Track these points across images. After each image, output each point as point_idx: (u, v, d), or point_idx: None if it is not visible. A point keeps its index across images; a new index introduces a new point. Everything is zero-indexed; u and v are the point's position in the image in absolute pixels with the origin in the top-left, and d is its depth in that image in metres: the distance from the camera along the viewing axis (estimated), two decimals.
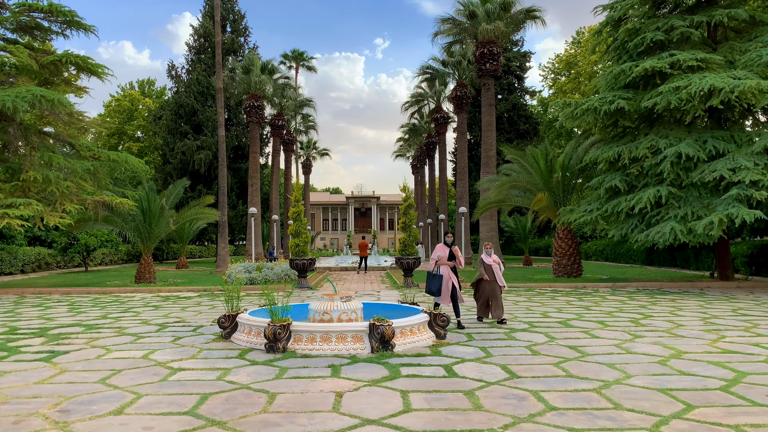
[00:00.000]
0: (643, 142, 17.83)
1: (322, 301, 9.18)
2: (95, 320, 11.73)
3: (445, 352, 8.10)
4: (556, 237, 22.32)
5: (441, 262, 10.37)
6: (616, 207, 18.17)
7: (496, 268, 11.00)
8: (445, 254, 10.38)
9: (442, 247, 10.51)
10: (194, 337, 9.49)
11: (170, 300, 15.99)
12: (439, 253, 10.44)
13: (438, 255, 10.45)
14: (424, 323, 8.97)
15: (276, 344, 8.07)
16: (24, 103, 16.14)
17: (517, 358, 7.65)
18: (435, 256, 10.46)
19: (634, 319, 11.26)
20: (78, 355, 8.07)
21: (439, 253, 10.45)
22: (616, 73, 18.57)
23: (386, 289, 18.95)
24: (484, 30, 26.94)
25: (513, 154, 22.74)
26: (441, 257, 10.41)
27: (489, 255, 11.11)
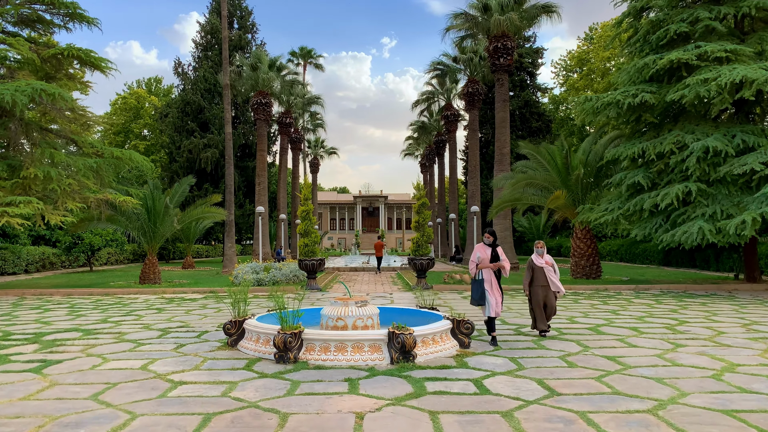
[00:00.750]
0: (668, 138, 17.04)
1: (336, 306, 8.50)
2: (94, 324, 11.09)
3: (472, 363, 7.39)
4: (573, 237, 21.54)
5: (483, 265, 8.82)
6: (638, 204, 17.40)
7: (549, 271, 9.50)
8: (487, 255, 8.83)
9: (483, 248, 8.94)
10: (198, 345, 8.81)
11: (174, 302, 15.35)
12: (480, 254, 8.88)
13: (478, 257, 8.89)
14: (446, 331, 8.26)
15: (286, 354, 7.38)
16: (23, 96, 15.54)
17: (552, 371, 6.92)
18: (475, 258, 8.92)
19: (669, 326, 10.50)
20: (71, 365, 7.41)
21: (479, 255, 8.88)
22: (640, 66, 17.77)
23: (399, 291, 18.24)
24: (497, 22, 26.15)
25: (529, 150, 21.95)
26: (482, 259, 8.83)
27: (540, 256, 9.60)
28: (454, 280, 19.18)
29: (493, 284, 8.72)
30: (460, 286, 18.50)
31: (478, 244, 9.14)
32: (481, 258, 8.80)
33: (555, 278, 9.49)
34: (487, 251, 8.84)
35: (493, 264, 8.72)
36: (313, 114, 54.36)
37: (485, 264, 8.73)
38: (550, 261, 9.62)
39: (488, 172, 46.74)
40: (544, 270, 9.49)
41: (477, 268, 8.81)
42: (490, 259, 8.77)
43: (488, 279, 8.72)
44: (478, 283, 8.76)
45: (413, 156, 67.59)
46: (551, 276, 9.48)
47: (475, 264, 8.84)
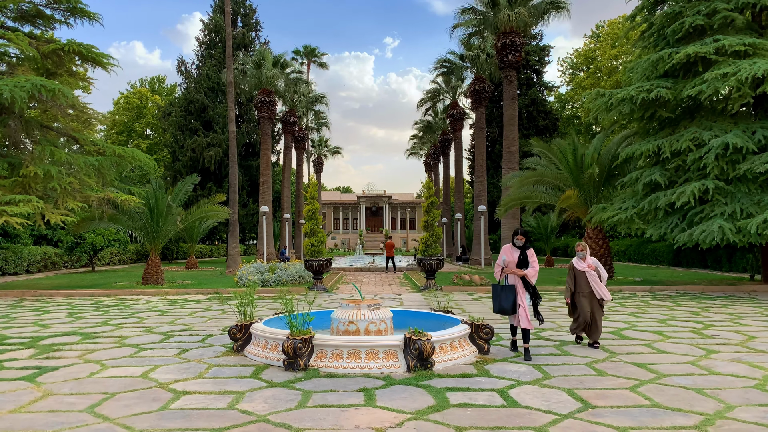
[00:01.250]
0: (684, 134, 16.53)
1: (347, 309, 8.05)
2: (94, 328, 10.66)
3: (494, 371, 6.92)
4: (585, 237, 21.04)
5: (509, 270, 7.71)
6: (653, 203, 16.91)
7: (593, 276, 8.29)
8: (513, 259, 7.72)
9: (510, 250, 7.84)
10: (202, 350, 8.37)
11: (177, 304, 14.92)
12: (505, 257, 7.80)
13: (504, 260, 7.82)
14: (465, 336, 7.80)
15: (296, 361, 6.93)
16: (22, 92, 15.13)
17: (581, 380, 6.45)
18: (500, 261, 7.88)
19: (695, 329, 10.01)
20: (68, 372, 6.97)
21: (505, 257, 7.81)
22: (654, 60, 17.27)
23: (407, 292, 17.78)
24: (506, 17, 25.68)
25: (541, 147, 21.46)
26: (508, 263, 7.73)
27: (582, 259, 8.43)
28: (464, 281, 18.71)
29: (520, 291, 7.72)
30: (470, 287, 18.03)
31: (505, 245, 7.99)
32: (507, 261, 7.76)
33: (599, 284, 8.27)
34: (514, 254, 7.77)
35: (518, 270, 7.65)
36: (317, 113, 53.95)
37: (511, 268, 7.72)
38: (593, 264, 8.41)
39: (494, 171, 46.25)
40: (586, 275, 8.33)
41: (502, 272, 7.82)
42: (516, 263, 7.70)
43: (514, 284, 7.75)
44: (505, 290, 7.67)
45: (418, 155, 67.14)
46: (594, 282, 8.27)
47: (500, 268, 7.85)
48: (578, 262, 8.42)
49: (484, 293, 17.13)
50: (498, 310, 7.77)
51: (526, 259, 7.71)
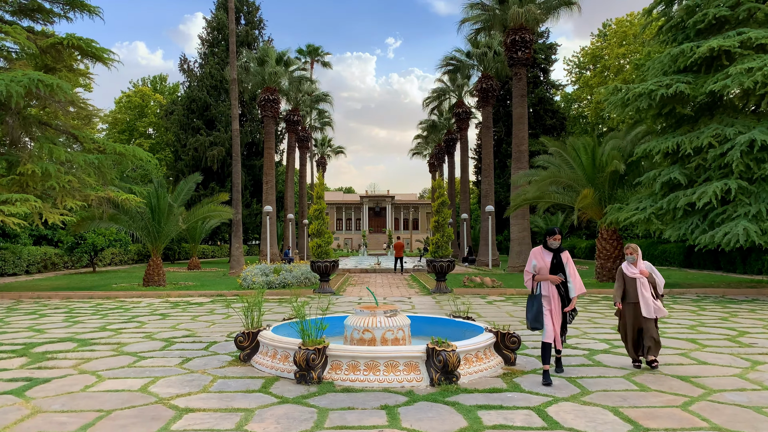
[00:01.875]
0: (706, 131, 15.92)
1: (362, 316, 7.48)
2: (92, 333, 10.09)
3: (525, 385, 6.33)
4: (599, 238, 20.44)
5: (541, 277, 6.54)
6: (672, 203, 16.30)
7: (645, 285, 7.01)
8: (546, 264, 6.53)
9: (541, 254, 6.62)
10: (206, 359, 7.80)
11: (180, 307, 14.36)
12: (536, 262, 6.57)
13: (534, 265, 6.59)
14: (490, 345, 7.22)
15: (309, 373, 6.36)
16: (19, 87, 14.58)
17: (623, 396, 5.86)
18: (530, 267, 6.64)
19: (730, 337, 9.42)
20: (60, 384, 6.40)
21: (535, 263, 6.57)
22: (674, 55, 16.65)
23: (417, 294, 17.19)
24: (516, 14, 25.07)
25: (554, 146, 20.85)
26: (540, 269, 6.54)
27: (633, 263, 7.17)
28: (475, 283, 18.12)
29: (554, 302, 6.49)
30: (481, 289, 17.44)
31: (535, 248, 6.83)
32: (539, 267, 6.55)
33: (646, 298, 6.97)
34: (546, 258, 6.58)
35: (553, 276, 6.50)
36: (320, 112, 53.38)
37: (544, 275, 6.54)
38: (647, 270, 7.11)
39: (501, 171, 45.66)
40: (637, 282, 7.07)
41: (534, 280, 6.60)
42: (550, 268, 6.53)
43: (547, 295, 6.53)
44: (534, 300, 6.56)
45: (422, 155, 66.54)
46: (643, 292, 6.98)
47: (531, 275, 6.64)
48: (628, 268, 7.19)
49: (497, 296, 16.54)
50: (530, 326, 6.55)
51: (561, 263, 6.60)
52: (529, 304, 6.64)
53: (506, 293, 17.01)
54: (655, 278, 7.10)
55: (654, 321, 7.06)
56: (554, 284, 6.53)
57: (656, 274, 7.16)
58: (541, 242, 6.95)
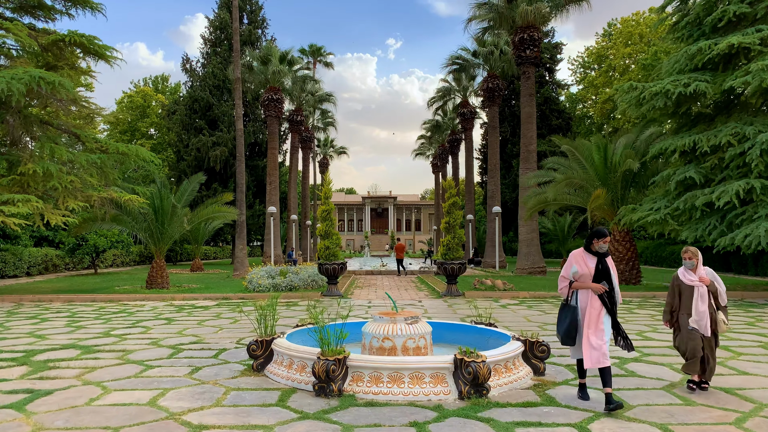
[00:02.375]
0: (724, 129, 15.52)
1: (381, 323, 7.08)
2: (95, 339, 9.69)
3: (560, 398, 5.92)
4: (611, 240, 20.03)
5: (580, 284, 5.64)
6: (689, 202, 15.89)
7: (704, 296, 6.02)
8: (589, 269, 5.59)
9: (582, 257, 5.67)
10: (217, 368, 7.39)
11: (185, 311, 13.95)
12: (577, 267, 5.65)
13: (574, 271, 5.68)
14: (518, 355, 6.81)
15: (329, 385, 5.95)
16: (20, 84, 14.19)
17: (669, 411, 5.45)
18: (568, 272, 5.73)
19: (762, 343, 9.00)
20: (64, 397, 5.99)
21: (576, 268, 5.66)
22: (692, 53, 16.25)
23: (427, 298, 16.78)
24: (524, 12, 24.68)
25: (567, 146, 20.43)
26: (581, 275, 5.63)
27: (691, 269, 6.16)
28: (486, 286, 17.71)
29: (592, 315, 5.52)
30: (493, 292, 17.04)
31: (575, 250, 5.86)
32: (580, 273, 5.61)
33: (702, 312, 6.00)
34: (590, 263, 5.60)
35: (596, 285, 5.54)
36: (324, 112, 52.98)
37: (584, 283, 5.59)
38: (707, 277, 6.12)
39: (506, 172, 45.24)
40: (696, 291, 6.05)
41: (570, 288, 5.72)
42: (593, 275, 5.58)
43: (585, 306, 5.59)
44: (569, 313, 5.66)
45: (425, 156, 66.13)
46: (699, 305, 5.98)
47: (567, 282, 5.73)
48: (685, 274, 6.17)
49: (510, 299, 16.13)
50: (562, 341, 5.73)
51: (607, 270, 5.62)
52: (562, 314, 5.74)
53: (519, 296, 16.60)
54: (717, 287, 6.15)
55: (713, 339, 6.11)
56: (596, 294, 5.54)
57: (719, 282, 6.21)
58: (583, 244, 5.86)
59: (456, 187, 46.06)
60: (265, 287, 17.27)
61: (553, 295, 16.73)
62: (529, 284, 19.53)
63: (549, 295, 16.66)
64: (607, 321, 5.57)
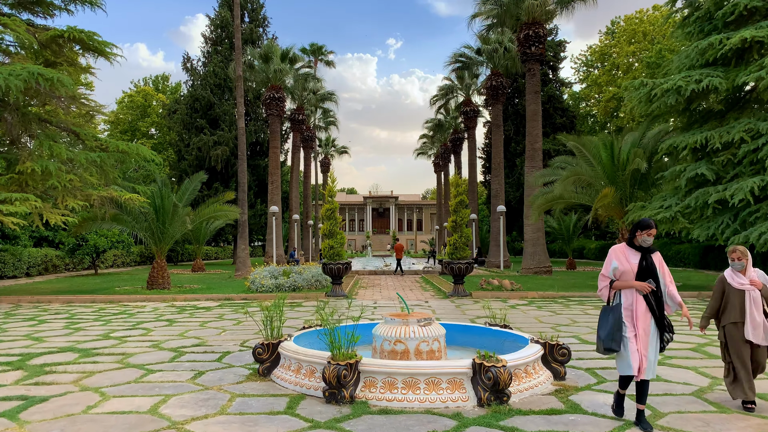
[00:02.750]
0: (736, 126, 15.18)
1: (393, 325, 6.75)
2: (94, 342, 9.37)
3: (585, 404, 5.59)
4: (620, 238, 19.73)
5: (622, 283, 4.95)
6: (700, 200, 15.55)
7: (757, 300, 5.39)
8: (631, 266, 4.93)
9: (624, 253, 5.02)
10: (221, 372, 7.07)
11: (187, 312, 13.62)
12: (618, 263, 4.99)
13: (614, 268, 5.01)
14: (538, 359, 6.48)
15: (340, 392, 5.62)
16: (18, 81, 13.87)
17: (704, 419, 5.12)
18: (608, 270, 5.07)
19: None
20: (60, 405, 5.67)
21: (616, 265, 4.99)
22: (703, 47, 15.91)
23: (433, 298, 16.45)
24: (530, 7, 24.35)
25: (575, 143, 20.10)
26: (622, 273, 4.96)
27: (740, 271, 5.50)
28: (493, 286, 17.38)
29: (639, 317, 4.84)
30: (500, 292, 16.71)
31: (615, 245, 5.19)
32: (621, 270, 4.95)
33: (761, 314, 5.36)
34: (633, 259, 4.96)
35: (641, 283, 4.85)
36: (325, 111, 52.65)
37: (627, 281, 4.92)
38: (759, 280, 5.45)
39: (509, 171, 44.89)
40: (747, 296, 5.40)
41: (612, 288, 5.02)
42: (637, 272, 4.90)
43: (630, 307, 4.89)
44: (611, 313, 4.96)
45: (426, 155, 65.77)
46: (754, 311, 5.34)
47: (608, 281, 5.05)
48: (734, 276, 5.50)
49: (518, 299, 15.79)
50: (597, 347, 5.04)
51: (653, 267, 4.92)
52: (603, 317, 5.01)
53: (527, 296, 16.26)
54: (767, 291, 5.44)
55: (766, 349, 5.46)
56: (642, 294, 4.86)
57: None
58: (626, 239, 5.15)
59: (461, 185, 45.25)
60: (268, 288, 16.96)
61: (563, 295, 16.40)
62: (536, 284, 19.20)
63: (558, 296, 16.33)
64: (654, 326, 4.89)
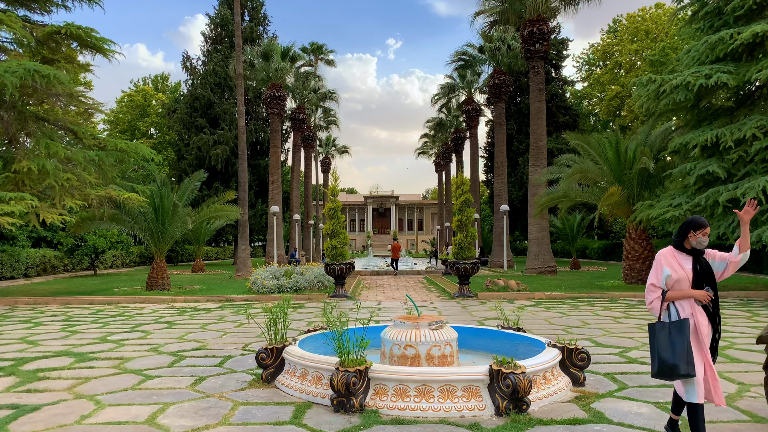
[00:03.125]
0: (748, 123, 14.86)
1: (402, 328, 6.43)
2: (91, 345, 9.05)
3: (609, 413, 5.27)
4: (627, 238, 19.39)
5: (677, 293, 4.25)
6: (711, 198, 15.21)
7: None
8: (685, 273, 4.24)
9: (674, 257, 4.33)
10: (223, 378, 6.75)
11: (186, 314, 13.30)
12: (669, 270, 4.25)
13: (666, 276, 4.25)
14: (556, 364, 6.16)
15: (349, 400, 5.30)
16: (14, 77, 13.54)
17: (737, 429, 4.80)
18: (658, 278, 4.31)
19: None
20: (52, 414, 5.35)
21: (668, 272, 4.25)
22: (713, 43, 15.59)
23: (438, 299, 16.13)
24: (534, 4, 24.02)
25: (579, 141, 19.77)
26: (675, 281, 4.25)
27: None
28: (499, 286, 17.06)
29: (702, 333, 4.18)
30: (506, 293, 16.39)
31: (663, 249, 4.43)
32: (674, 278, 4.22)
33: None
34: (685, 263, 4.27)
35: (699, 292, 4.20)
36: (326, 110, 52.35)
37: (683, 291, 4.22)
38: None
39: (512, 170, 44.57)
40: None
41: (664, 299, 4.26)
42: (692, 279, 4.22)
43: (690, 320, 4.18)
44: (675, 330, 4.12)
45: (427, 155, 65.48)
46: None
47: (659, 292, 4.29)
48: None
49: (525, 300, 15.48)
50: (660, 371, 4.15)
51: (708, 271, 4.27)
52: (661, 335, 4.16)
53: (534, 297, 15.94)
54: None
55: None
56: (700, 304, 4.22)
57: None
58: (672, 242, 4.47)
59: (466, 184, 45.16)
60: (269, 288, 16.65)
61: (570, 296, 16.08)
62: (542, 284, 18.89)
63: (565, 296, 16.01)
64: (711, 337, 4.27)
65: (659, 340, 4.18)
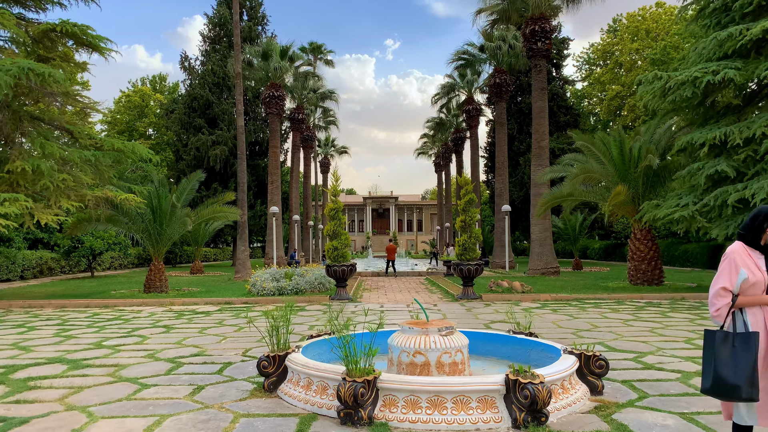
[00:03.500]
0: (757, 121, 14.58)
1: (411, 334, 6.12)
2: (85, 351, 8.73)
3: (632, 424, 4.97)
4: (632, 238, 19.10)
5: (751, 299, 3.63)
6: (720, 198, 14.92)
7: None
8: (762, 274, 3.63)
9: (749, 256, 3.68)
10: (223, 387, 6.43)
11: (185, 317, 12.99)
12: (745, 272, 3.61)
13: (743, 279, 3.60)
14: (574, 372, 5.85)
15: (357, 412, 5.00)
16: (7, 76, 13.24)
17: None
18: (733, 282, 3.62)
19: None
20: (40, 428, 5.04)
21: (745, 274, 3.60)
22: (721, 39, 15.30)
23: (441, 301, 15.82)
24: (537, 2, 23.74)
25: (582, 140, 19.48)
26: (751, 285, 3.62)
27: None
28: (503, 288, 16.76)
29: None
30: (511, 295, 16.08)
31: (733, 247, 3.72)
32: (750, 282, 3.60)
33: None
34: (761, 263, 3.67)
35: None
36: (325, 110, 52.05)
37: (759, 297, 3.64)
38: None
39: (513, 170, 44.30)
40: None
41: (734, 306, 3.63)
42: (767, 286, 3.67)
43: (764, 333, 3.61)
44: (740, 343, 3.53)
45: (427, 155, 65.18)
46: None
47: (730, 296, 3.62)
48: None
49: (530, 302, 15.18)
50: (714, 389, 3.57)
51: None
52: (720, 347, 3.56)
53: (540, 299, 15.64)
54: None
55: None
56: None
57: None
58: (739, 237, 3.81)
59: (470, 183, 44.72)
60: (269, 291, 16.34)
61: (576, 297, 15.78)
62: (546, 286, 18.59)
63: (571, 298, 15.71)
64: None
65: (720, 353, 3.55)
